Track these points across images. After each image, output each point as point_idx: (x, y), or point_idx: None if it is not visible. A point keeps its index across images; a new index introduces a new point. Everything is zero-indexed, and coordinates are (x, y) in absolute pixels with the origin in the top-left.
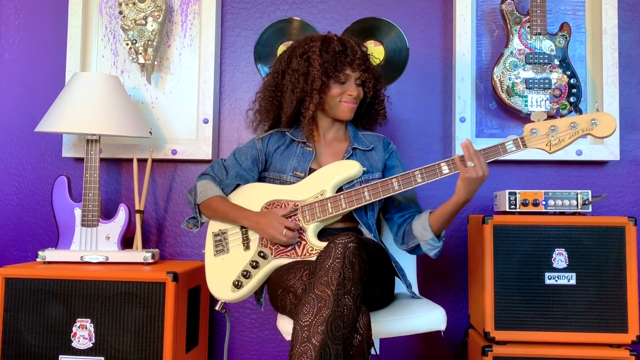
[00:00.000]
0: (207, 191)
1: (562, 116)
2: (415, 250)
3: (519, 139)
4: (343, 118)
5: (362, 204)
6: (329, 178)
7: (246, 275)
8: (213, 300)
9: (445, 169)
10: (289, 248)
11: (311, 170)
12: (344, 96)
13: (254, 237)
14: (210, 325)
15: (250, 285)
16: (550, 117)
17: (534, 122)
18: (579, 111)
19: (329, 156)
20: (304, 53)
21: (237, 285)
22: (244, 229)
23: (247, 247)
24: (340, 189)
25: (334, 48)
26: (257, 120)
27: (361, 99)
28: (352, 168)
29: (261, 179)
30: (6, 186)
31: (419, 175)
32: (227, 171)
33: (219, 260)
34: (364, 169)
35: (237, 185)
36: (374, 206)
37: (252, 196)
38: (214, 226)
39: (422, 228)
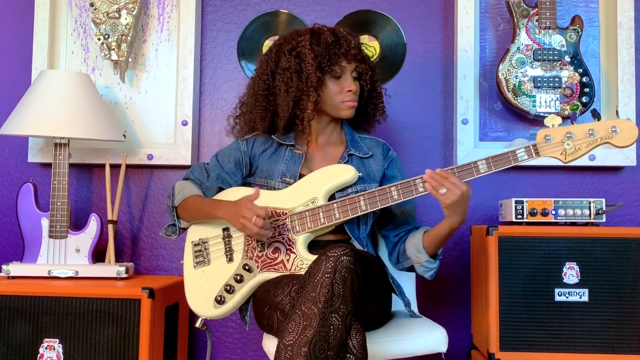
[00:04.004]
0: (184, 191)
1: (576, 117)
2: (410, 270)
3: (531, 147)
4: (343, 117)
5: (358, 215)
6: (320, 184)
7: (229, 290)
8: (193, 318)
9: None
10: (277, 261)
11: (301, 176)
12: (344, 95)
13: (237, 249)
14: (190, 346)
15: (234, 301)
16: (563, 118)
17: (548, 127)
18: (597, 117)
19: (323, 161)
20: (292, 49)
21: (220, 300)
22: (226, 239)
23: (230, 259)
24: (332, 197)
25: (326, 39)
26: (243, 129)
27: (359, 93)
28: (346, 173)
29: (245, 185)
30: None
31: (421, 185)
32: (208, 174)
33: (199, 273)
34: (360, 174)
35: (220, 190)
36: (367, 219)
37: (236, 198)
38: (193, 234)
39: (416, 250)
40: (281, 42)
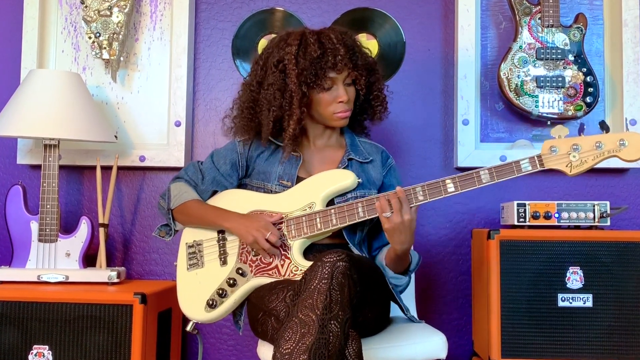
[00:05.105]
0: (182, 195)
1: (577, 118)
2: None
3: (535, 158)
4: (336, 126)
5: (355, 221)
6: (319, 189)
7: (222, 294)
8: (186, 323)
9: (450, 187)
10: (271, 266)
11: (299, 179)
12: (335, 106)
13: (232, 252)
14: (183, 353)
15: (226, 305)
16: (564, 119)
17: (555, 138)
18: (606, 129)
19: (321, 164)
20: (279, 62)
21: (212, 304)
22: (221, 242)
23: (224, 263)
24: (331, 202)
25: (311, 53)
26: (235, 128)
27: (355, 97)
28: (346, 179)
29: (241, 186)
30: None
31: (420, 192)
32: (203, 175)
33: (193, 275)
34: (359, 180)
35: (214, 193)
36: (363, 226)
37: (233, 204)
38: (187, 236)
39: (381, 266)
40: (271, 50)
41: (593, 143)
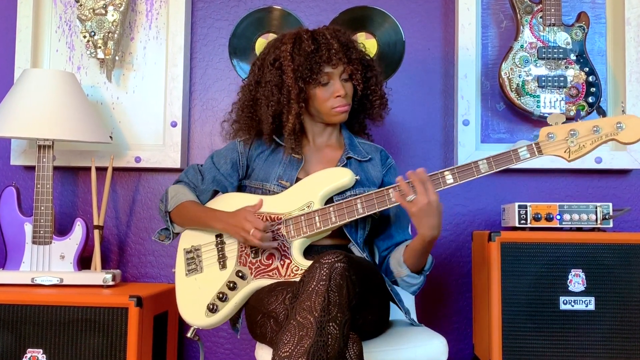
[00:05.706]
0: (178, 196)
1: (581, 118)
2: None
3: (533, 145)
4: (336, 122)
5: (354, 218)
6: (316, 188)
7: (222, 297)
8: (183, 327)
9: (449, 179)
10: (272, 267)
11: (299, 180)
12: (333, 101)
13: (231, 255)
14: (180, 356)
15: (227, 309)
16: (566, 119)
17: (551, 125)
18: (602, 113)
19: (320, 164)
20: (275, 60)
21: (212, 309)
22: (219, 246)
23: (223, 266)
24: (330, 200)
25: (305, 48)
26: (233, 131)
27: (353, 93)
28: (343, 177)
29: (241, 187)
30: None
31: None
32: (202, 176)
33: (192, 281)
34: (357, 177)
35: (216, 193)
36: (365, 223)
37: (231, 207)
38: (185, 242)
39: (397, 263)
40: (268, 51)
41: (590, 127)
